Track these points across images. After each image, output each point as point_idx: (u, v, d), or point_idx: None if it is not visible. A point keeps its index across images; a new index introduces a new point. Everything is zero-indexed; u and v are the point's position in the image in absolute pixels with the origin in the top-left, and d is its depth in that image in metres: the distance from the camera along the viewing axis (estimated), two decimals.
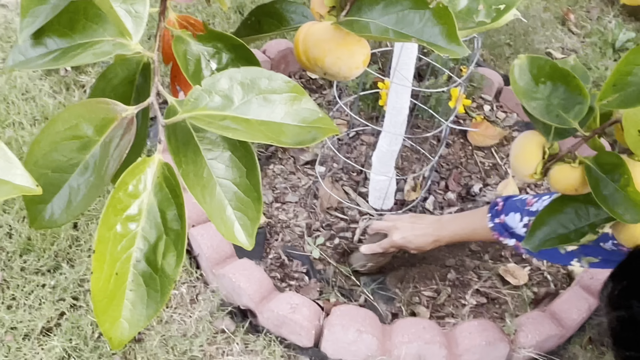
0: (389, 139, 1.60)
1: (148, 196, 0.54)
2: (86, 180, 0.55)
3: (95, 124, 0.54)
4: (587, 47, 2.51)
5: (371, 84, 1.83)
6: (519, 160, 0.93)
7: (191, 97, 0.54)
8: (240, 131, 0.53)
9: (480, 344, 1.45)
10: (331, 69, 0.62)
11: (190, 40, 0.64)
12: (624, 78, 0.67)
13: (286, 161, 1.84)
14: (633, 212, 0.79)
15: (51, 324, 1.44)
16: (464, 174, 1.88)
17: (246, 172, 0.59)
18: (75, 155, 0.54)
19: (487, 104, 2.07)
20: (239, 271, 1.52)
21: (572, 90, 0.82)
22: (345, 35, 0.61)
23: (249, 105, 0.55)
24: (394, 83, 1.49)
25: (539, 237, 0.94)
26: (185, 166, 0.58)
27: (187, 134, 0.59)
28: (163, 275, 0.54)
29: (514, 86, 0.86)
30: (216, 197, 0.58)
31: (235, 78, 0.55)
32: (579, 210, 0.92)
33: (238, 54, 0.65)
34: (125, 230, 0.53)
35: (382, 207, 1.73)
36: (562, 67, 0.84)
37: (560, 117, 0.82)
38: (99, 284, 0.52)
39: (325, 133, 0.56)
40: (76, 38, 0.58)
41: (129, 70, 0.63)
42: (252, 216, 0.58)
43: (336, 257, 1.66)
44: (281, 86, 0.56)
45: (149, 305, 0.54)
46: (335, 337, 1.45)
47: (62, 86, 1.86)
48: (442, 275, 1.65)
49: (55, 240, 1.55)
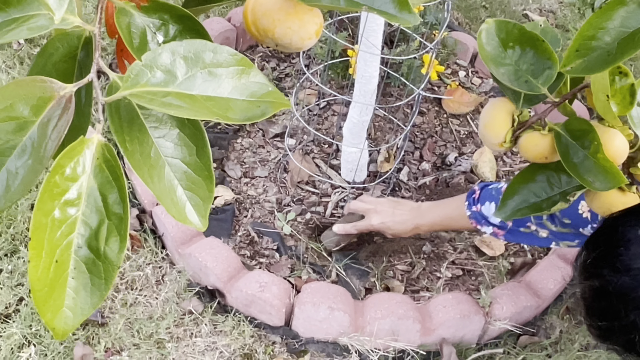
0: (359, 109, 1.54)
1: (87, 179, 0.52)
2: (24, 163, 0.52)
3: (32, 103, 0.52)
4: (566, 7, 2.45)
5: (340, 52, 1.76)
6: (488, 128, 0.89)
7: (131, 73, 0.52)
8: (184, 108, 0.51)
9: (455, 317, 1.42)
10: (282, 40, 0.59)
11: (134, 12, 0.60)
12: (587, 43, 0.62)
13: (255, 134, 1.77)
14: (603, 180, 0.76)
15: (9, 310, 1.39)
16: (439, 143, 1.82)
17: (196, 149, 0.57)
18: (11, 138, 0.51)
19: (462, 70, 2.01)
20: (206, 250, 1.47)
21: (541, 55, 0.78)
22: (295, 4, 0.57)
23: (194, 80, 0.52)
24: (362, 51, 1.43)
25: (511, 206, 0.90)
26: (130, 146, 0.55)
27: (132, 112, 0.57)
28: (106, 262, 0.52)
29: (482, 52, 0.82)
30: (165, 177, 0.56)
31: (178, 52, 0.53)
32: (550, 178, 0.89)
33: (186, 26, 0.61)
34: (65, 216, 0.51)
35: (355, 180, 1.68)
36: (530, 30, 0.79)
37: (530, 83, 0.78)
38: (37, 272, 0.51)
39: (276, 107, 0.53)
40: (11, 12, 0.56)
41: (70, 45, 0.61)
42: (204, 196, 0.56)
43: (308, 233, 1.61)
44: (227, 59, 0.53)
45: (92, 292, 0.52)
46: (306, 315, 1.41)
47: (16, 60, 1.78)
48: (417, 248, 1.61)
49: (11, 223, 1.49)
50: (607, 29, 0.62)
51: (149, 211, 1.57)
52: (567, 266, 1.53)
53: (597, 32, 0.62)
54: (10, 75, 1.74)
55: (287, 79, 1.92)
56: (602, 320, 0.76)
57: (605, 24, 0.62)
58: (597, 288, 0.76)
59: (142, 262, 1.50)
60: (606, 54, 0.61)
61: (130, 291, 1.46)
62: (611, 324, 0.74)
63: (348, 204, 1.56)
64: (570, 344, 1.50)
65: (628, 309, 0.72)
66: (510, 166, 1.80)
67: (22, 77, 1.74)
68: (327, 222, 1.62)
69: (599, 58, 0.62)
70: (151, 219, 1.57)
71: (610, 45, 0.61)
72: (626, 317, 0.72)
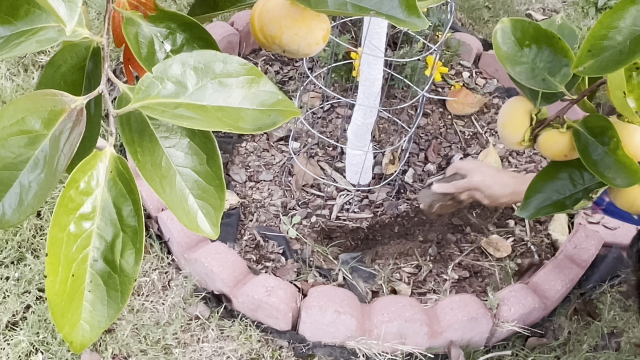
0: (363, 112, 1.54)
1: (101, 193, 0.52)
2: (37, 176, 0.52)
3: (43, 117, 0.52)
4: (569, 7, 2.44)
5: (344, 54, 1.76)
6: (506, 128, 0.89)
7: (142, 85, 0.52)
8: (195, 119, 0.51)
9: (462, 319, 1.41)
10: (289, 46, 0.59)
11: (142, 22, 0.60)
12: (599, 43, 0.62)
13: (259, 138, 1.77)
14: (624, 176, 0.75)
15: (17, 317, 1.39)
16: (444, 144, 1.82)
17: (206, 158, 0.57)
18: (24, 152, 0.52)
19: (466, 71, 2.01)
20: (212, 255, 1.47)
21: (557, 53, 0.78)
22: (302, 11, 0.57)
23: (204, 91, 0.52)
24: (365, 54, 1.42)
25: (534, 204, 0.90)
26: (141, 157, 0.55)
27: (142, 123, 0.57)
28: (122, 274, 0.52)
29: (497, 51, 0.81)
30: (176, 186, 0.56)
31: (188, 63, 0.53)
32: (572, 175, 0.89)
33: (193, 34, 0.61)
34: (80, 230, 0.52)
35: (360, 182, 1.68)
36: (546, 28, 0.79)
37: (547, 81, 0.78)
38: (54, 287, 0.51)
39: (286, 116, 0.53)
40: (19, 25, 0.56)
41: (78, 56, 0.61)
42: (216, 204, 0.56)
43: (313, 236, 1.60)
44: (237, 69, 0.53)
45: (109, 305, 0.52)
46: (313, 319, 1.41)
47: (20, 68, 1.78)
48: (423, 251, 1.60)
49: (18, 230, 1.49)
50: (619, 28, 0.61)
51: (155, 217, 1.57)
52: (574, 266, 1.53)
53: (609, 31, 0.61)
54: (15, 83, 1.74)
55: (291, 82, 1.91)
56: None
57: (616, 23, 0.62)
58: None
59: (149, 268, 1.50)
60: (618, 53, 0.61)
61: (137, 297, 1.46)
62: None
63: (453, 163, 1.44)
64: (579, 345, 1.49)
65: None
66: (516, 166, 1.79)
67: (26, 84, 1.74)
68: (332, 225, 1.62)
69: (611, 57, 0.61)
70: (157, 224, 1.56)
71: (622, 44, 0.61)
72: None
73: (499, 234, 1.65)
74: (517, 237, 1.65)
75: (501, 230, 1.66)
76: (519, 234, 1.66)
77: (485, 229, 1.66)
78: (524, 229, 1.67)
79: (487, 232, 1.66)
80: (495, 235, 1.65)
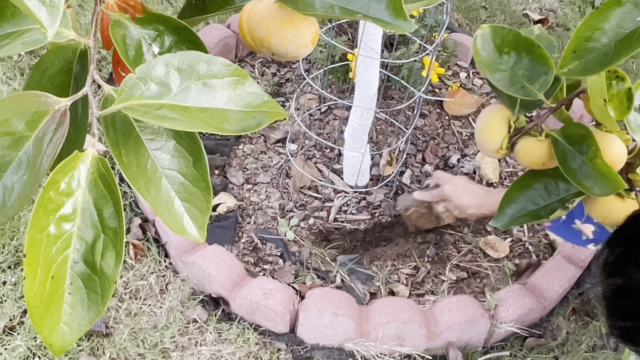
0: (360, 113, 1.54)
1: (82, 194, 0.52)
2: (20, 178, 0.51)
3: (26, 118, 0.51)
4: (566, 6, 2.44)
5: (340, 56, 1.76)
6: (483, 135, 0.88)
7: (125, 86, 0.51)
8: (178, 120, 0.51)
9: (460, 320, 1.41)
10: (278, 49, 0.59)
11: (129, 24, 0.59)
12: (584, 44, 0.62)
13: (256, 140, 1.77)
14: (602, 185, 0.75)
15: (14, 322, 1.39)
16: (441, 145, 1.82)
17: (193, 161, 0.56)
18: (7, 153, 0.51)
19: (463, 71, 2.01)
20: (209, 258, 1.46)
21: (537, 60, 0.77)
22: (290, 13, 0.57)
23: (188, 92, 0.52)
24: (362, 55, 1.42)
25: (509, 214, 0.89)
26: (126, 159, 0.54)
27: (128, 125, 0.56)
28: (103, 276, 0.52)
29: (477, 58, 0.81)
30: (162, 189, 0.55)
31: (172, 64, 0.52)
32: (548, 186, 0.88)
33: (181, 36, 0.61)
34: (60, 231, 0.51)
35: (358, 184, 1.68)
36: (526, 36, 0.78)
37: (526, 89, 0.77)
38: (33, 289, 0.50)
39: (272, 117, 0.53)
40: (5, 27, 0.55)
41: (65, 58, 0.60)
42: (202, 207, 0.55)
43: (311, 238, 1.60)
44: (222, 70, 0.53)
45: (89, 307, 0.52)
46: (311, 322, 1.41)
47: (17, 72, 1.78)
48: (421, 252, 1.60)
49: (14, 234, 1.49)
50: (604, 29, 0.61)
51: (152, 220, 1.57)
52: (572, 267, 1.53)
53: (594, 33, 0.61)
54: (11, 87, 1.74)
55: (288, 84, 1.91)
56: (625, 320, 0.73)
57: (601, 25, 0.61)
58: (620, 286, 0.74)
59: (146, 271, 1.49)
60: (603, 55, 0.60)
61: (135, 300, 1.46)
62: (634, 323, 0.72)
63: (435, 173, 1.55)
64: (577, 345, 1.49)
65: None
66: (514, 167, 1.79)
67: (22, 88, 1.73)
68: (330, 227, 1.62)
69: (596, 59, 0.61)
70: (154, 227, 1.56)
71: (607, 46, 0.61)
72: None
73: (496, 235, 1.65)
74: (515, 237, 1.65)
75: (499, 231, 1.66)
76: (516, 234, 1.66)
77: (483, 229, 1.66)
78: (521, 230, 1.67)
79: (485, 233, 1.66)
80: (493, 235, 1.65)
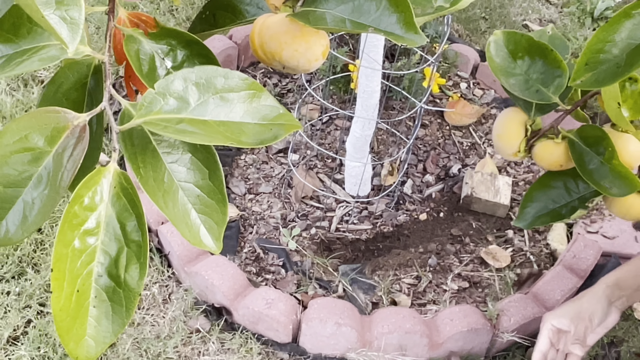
0: (361, 124, 1.55)
1: (105, 208, 0.53)
2: (40, 193, 0.52)
3: (46, 134, 0.52)
4: (565, 17, 2.46)
5: (342, 67, 1.77)
6: (501, 139, 0.89)
7: (145, 101, 0.52)
8: (197, 134, 0.51)
9: (462, 330, 1.42)
10: (289, 62, 0.60)
11: (142, 39, 0.60)
12: (595, 56, 0.63)
13: (258, 150, 1.78)
14: (620, 185, 0.76)
15: (18, 332, 1.39)
16: (442, 155, 1.83)
17: (208, 173, 0.57)
18: (27, 168, 0.52)
19: (463, 82, 2.02)
20: (212, 268, 1.47)
21: (550, 64, 0.79)
22: (301, 27, 0.58)
23: (206, 106, 0.53)
24: (363, 66, 1.44)
25: (531, 213, 0.90)
26: (144, 172, 0.55)
27: (144, 138, 0.57)
28: (127, 289, 0.53)
29: (491, 63, 0.82)
30: (179, 201, 0.56)
31: (190, 78, 0.53)
32: (567, 184, 0.89)
33: (193, 50, 0.62)
34: (84, 245, 0.52)
35: (359, 194, 1.69)
36: (538, 40, 0.80)
37: (540, 92, 0.79)
38: (60, 302, 0.51)
39: (288, 130, 0.54)
40: (21, 43, 0.56)
41: (79, 73, 0.61)
42: (218, 219, 0.56)
43: (313, 248, 1.61)
44: (238, 84, 0.53)
45: (114, 320, 0.52)
46: (314, 331, 1.41)
47: (20, 83, 1.79)
48: (423, 262, 1.61)
49: (18, 245, 1.49)
50: (615, 41, 0.62)
51: (155, 230, 1.57)
52: (573, 276, 1.53)
53: (605, 45, 0.62)
54: (15, 98, 1.75)
55: (289, 95, 1.93)
56: None
57: (612, 37, 0.62)
58: None
59: (149, 281, 1.50)
60: (615, 66, 0.62)
61: (138, 311, 1.46)
62: None
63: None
64: None
65: None
66: (514, 177, 1.80)
67: (26, 99, 1.75)
68: (332, 237, 1.63)
69: (608, 71, 0.62)
70: (157, 237, 1.57)
71: (619, 58, 0.62)
72: None
73: (498, 244, 1.66)
74: (516, 247, 1.66)
75: (500, 241, 1.67)
76: (518, 244, 1.66)
77: (485, 239, 1.67)
78: (522, 239, 1.67)
79: (486, 243, 1.66)
80: (495, 245, 1.65)
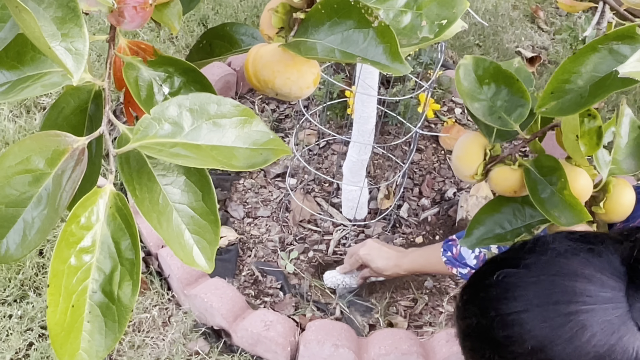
0: (358, 148, 1.58)
1: (101, 227, 0.55)
2: (40, 213, 0.55)
3: (47, 156, 0.54)
4: (558, 44, 2.51)
5: (338, 93, 1.81)
6: (460, 160, 0.92)
7: (141, 125, 0.55)
8: (190, 157, 0.54)
9: (458, 352, 1.42)
10: (282, 90, 0.62)
11: (141, 66, 0.63)
12: (561, 86, 0.66)
13: (256, 175, 1.81)
14: (568, 215, 0.79)
15: (20, 355, 1.41)
16: (437, 179, 1.86)
17: (202, 195, 0.59)
18: (28, 189, 0.54)
19: (458, 107, 2.06)
20: (211, 290, 1.49)
21: (515, 93, 0.82)
22: (293, 57, 0.60)
23: (199, 131, 0.55)
24: (359, 92, 1.47)
25: (476, 235, 0.92)
26: (139, 194, 0.58)
27: (140, 161, 0.60)
28: (120, 305, 0.54)
29: (459, 86, 0.85)
30: (173, 222, 0.58)
31: (184, 105, 0.56)
32: (516, 211, 0.91)
33: (190, 78, 0.64)
34: (80, 263, 0.54)
35: (356, 217, 1.71)
36: (505, 69, 0.83)
37: (503, 119, 0.82)
38: (55, 317, 0.53)
39: (277, 154, 0.56)
40: (25, 70, 0.59)
41: (80, 99, 0.64)
42: (211, 239, 0.58)
43: (311, 271, 1.63)
44: (230, 110, 0.56)
45: (107, 335, 0.54)
46: (311, 353, 1.43)
47: (22, 109, 1.83)
48: (419, 284, 1.63)
49: (20, 268, 1.51)
50: (581, 73, 0.65)
51: (155, 253, 1.60)
52: None
53: (571, 75, 0.65)
54: (17, 124, 1.79)
55: (287, 120, 1.96)
56: (473, 357, 0.76)
57: (578, 69, 0.66)
58: (465, 328, 0.76)
59: (149, 304, 1.52)
60: (579, 97, 0.65)
61: (138, 333, 1.48)
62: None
63: (349, 249, 1.56)
64: None
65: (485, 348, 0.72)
66: None
67: (28, 125, 1.78)
68: (329, 260, 1.65)
69: (572, 100, 0.65)
70: (157, 261, 1.59)
71: (583, 89, 0.65)
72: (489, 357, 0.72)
73: None
74: None
75: None
76: None
77: None
78: None
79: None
80: None
